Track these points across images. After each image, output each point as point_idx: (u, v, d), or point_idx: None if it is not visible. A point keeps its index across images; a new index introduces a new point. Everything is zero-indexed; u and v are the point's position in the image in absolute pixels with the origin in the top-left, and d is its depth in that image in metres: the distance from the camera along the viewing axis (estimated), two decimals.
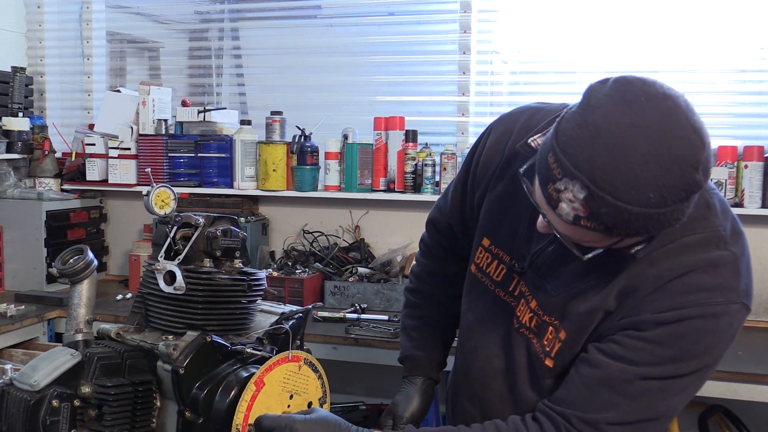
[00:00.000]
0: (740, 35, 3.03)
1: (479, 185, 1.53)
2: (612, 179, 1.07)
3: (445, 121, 3.45)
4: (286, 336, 1.44)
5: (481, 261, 1.51)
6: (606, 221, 1.10)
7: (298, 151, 3.30)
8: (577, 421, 1.27)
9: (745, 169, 2.85)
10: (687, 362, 1.23)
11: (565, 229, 1.18)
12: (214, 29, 3.87)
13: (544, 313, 1.37)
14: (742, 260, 1.27)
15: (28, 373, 1.33)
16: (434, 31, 3.46)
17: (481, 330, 1.52)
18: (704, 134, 1.10)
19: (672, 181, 1.07)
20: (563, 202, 1.12)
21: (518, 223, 1.43)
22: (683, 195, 1.09)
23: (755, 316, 2.98)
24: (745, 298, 1.26)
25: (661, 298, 1.23)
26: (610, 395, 1.26)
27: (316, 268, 3.17)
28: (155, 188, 1.47)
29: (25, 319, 2.90)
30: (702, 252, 1.24)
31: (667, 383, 1.25)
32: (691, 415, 2.86)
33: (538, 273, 1.39)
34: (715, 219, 1.27)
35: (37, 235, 3.37)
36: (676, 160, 1.06)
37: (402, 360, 1.73)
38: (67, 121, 3.95)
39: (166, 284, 1.39)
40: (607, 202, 1.08)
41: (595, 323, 1.30)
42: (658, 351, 1.23)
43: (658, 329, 1.23)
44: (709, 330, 1.23)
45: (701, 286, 1.22)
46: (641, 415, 1.26)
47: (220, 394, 1.37)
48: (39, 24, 3.94)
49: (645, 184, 1.06)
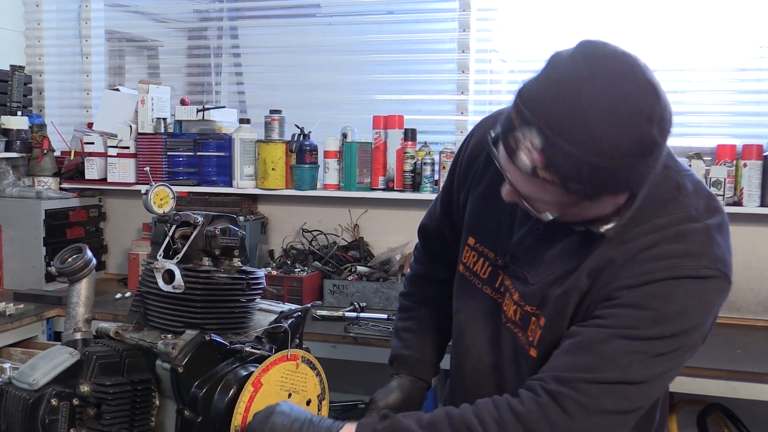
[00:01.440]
0: (739, 34, 3.03)
1: (463, 187, 1.56)
2: (568, 125, 1.10)
3: (444, 119, 3.45)
4: (285, 335, 1.44)
5: (468, 260, 1.53)
6: (561, 170, 1.12)
7: (297, 149, 3.30)
8: (551, 380, 1.24)
9: (744, 168, 2.85)
10: (663, 324, 1.21)
11: (525, 186, 1.20)
12: (213, 28, 3.87)
13: (526, 303, 1.37)
14: (715, 230, 1.26)
15: (27, 371, 1.33)
16: (433, 30, 3.46)
17: (471, 329, 1.52)
18: (660, 91, 1.13)
19: (626, 131, 1.10)
20: (521, 152, 1.14)
21: (501, 219, 1.45)
22: (638, 149, 1.11)
23: (754, 315, 2.98)
24: (721, 266, 1.24)
25: (632, 268, 1.24)
26: (589, 357, 1.23)
27: (315, 267, 3.17)
28: (154, 187, 1.47)
29: (24, 317, 2.90)
30: (672, 227, 1.25)
31: (644, 344, 1.22)
32: (690, 413, 2.86)
33: (518, 264, 1.40)
34: (686, 200, 1.28)
35: (36, 234, 3.37)
36: (630, 111, 1.10)
37: (391, 360, 1.72)
38: (66, 119, 3.94)
39: (165, 283, 1.39)
40: (562, 148, 1.10)
41: (572, 306, 1.30)
42: (633, 313, 1.22)
43: (630, 293, 1.22)
44: (681, 291, 1.22)
45: (671, 253, 1.23)
46: (620, 377, 1.22)
47: (219, 393, 1.37)
48: (38, 22, 3.93)
49: (599, 132, 1.09)
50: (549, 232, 1.35)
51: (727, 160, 2.88)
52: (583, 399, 1.22)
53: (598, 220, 1.24)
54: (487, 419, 1.25)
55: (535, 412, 1.23)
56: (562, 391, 1.22)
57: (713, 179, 2.86)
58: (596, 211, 1.22)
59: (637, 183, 1.16)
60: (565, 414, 1.22)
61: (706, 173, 2.87)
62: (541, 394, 1.24)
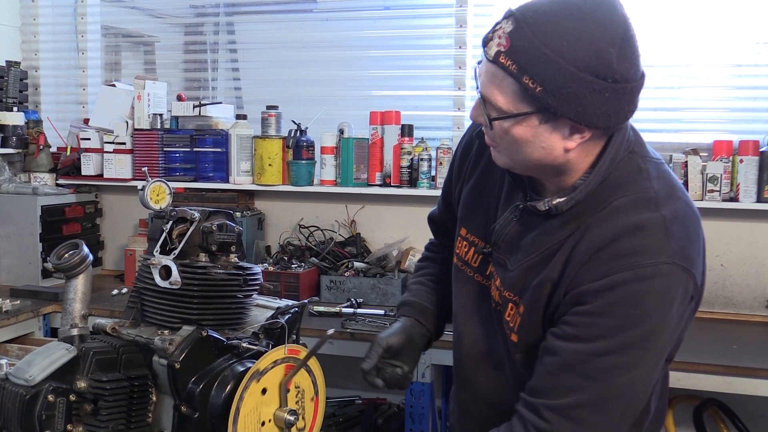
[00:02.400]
0: (736, 30, 3.03)
1: (458, 181, 1.63)
2: (538, 19, 1.20)
3: (441, 115, 3.45)
4: (282, 330, 1.44)
5: (460, 251, 1.58)
6: (520, 58, 1.20)
7: (293, 145, 3.30)
8: (545, 410, 1.30)
9: (741, 164, 2.86)
10: (631, 330, 1.25)
11: (487, 81, 1.27)
12: (210, 23, 3.86)
13: (505, 288, 1.42)
14: (672, 222, 1.28)
15: (24, 368, 1.33)
16: (430, 26, 3.45)
17: (464, 316, 1.57)
18: (630, 25, 1.22)
19: (587, 41, 1.18)
20: (493, 40, 1.25)
21: (488, 209, 1.51)
22: (593, 64, 1.18)
23: (750, 310, 2.99)
24: (679, 259, 1.26)
25: (595, 266, 1.28)
26: (572, 379, 1.28)
27: (312, 263, 3.17)
28: (150, 183, 1.47)
29: (21, 314, 2.90)
30: (631, 214, 1.28)
31: (620, 357, 1.26)
32: (686, 409, 2.87)
33: (500, 251, 1.45)
34: (645, 182, 1.32)
35: (33, 230, 3.36)
36: (597, 28, 1.19)
37: (398, 307, 1.77)
38: (62, 115, 3.94)
39: (161, 279, 1.39)
40: (526, 35, 1.20)
41: (545, 296, 1.35)
42: (602, 322, 1.26)
43: (596, 300, 1.26)
44: (643, 293, 1.25)
45: (630, 250, 1.26)
46: (604, 394, 1.27)
47: (216, 389, 1.37)
48: (33, 18, 3.92)
49: (563, 31, 1.19)
50: (525, 220, 1.40)
51: (723, 155, 2.89)
52: (570, 429, 1.29)
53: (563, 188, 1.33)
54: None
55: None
56: (551, 428, 1.29)
57: (709, 175, 2.87)
58: (546, 147, 1.27)
59: (583, 113, 1.21)
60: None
61: (702, 169, 2.88)
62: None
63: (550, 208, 1.34)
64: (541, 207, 1.35)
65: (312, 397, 1.48)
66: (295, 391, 1.44)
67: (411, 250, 3.26)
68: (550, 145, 1.27)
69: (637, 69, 1.23)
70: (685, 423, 2.89)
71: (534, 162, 1.31)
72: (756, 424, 2.91)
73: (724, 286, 3.02)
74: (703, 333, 2.63)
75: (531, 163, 1.32)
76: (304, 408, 1.46)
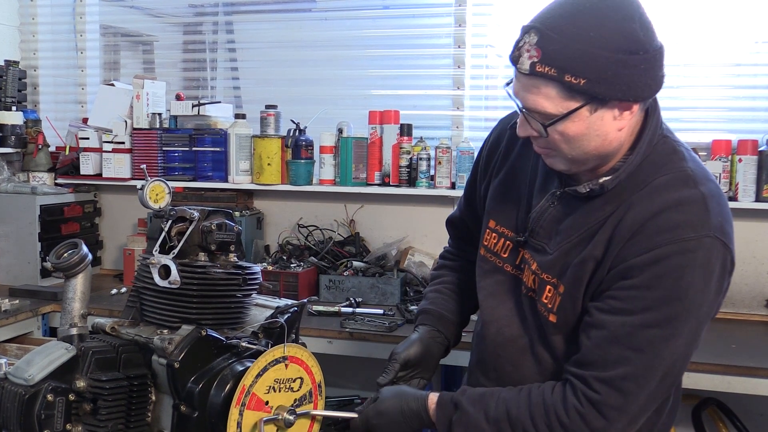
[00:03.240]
0: (734, 29, 3.03)
1: (484, 178, 1.67)
2: (558, 21, 1.26)
3: (440, 114, 3.45)
4: (281, 330, 1.44)
5: (488, 242, 1.62)
6: (556, 61, 1.26)
7: (292, 145, 3.29)
8: (594, 382, 1.35)
9: (739, 163, 2.86)
10: (676, 301, 1.31)
11: (528, 95, 1.32)
12: (209, 22, 3.85)
13: (543, 271, 1.46)
14: (710, 199, 1.35)
15: (23, 367, 1.33)
16: (429, 25, 3.45)
17: (491, 305, 1.60)
18: (641, 6, 1.29)
19: (610, 25, 1.25)
20: (523, 56, 1.29)
21: (520, 200, 1.55)
22: (621, 43, 1.25)
23: (749, 310, 3.00)
24: (719, 234, 1.32)
25: (640, 241, 1.33)
26: (620, 351, 1.33)
27: (311, 262, 3.17)
28: (149, 182, 1.47)
29: (20, 313, 2.90)
30: (672, 191, 1.35)
31: (665, 329, 1.32)
32: (685, 408, 2.87)
33: (537, 238, 1.49)
34: (681, 162, 1.39)
35: (31, 230, 3.36)
36: (612, 9, 1.26)
37: (416, 317, 1.79)
38: (61, 114, 3.93)
39: (160, 278, 1.39)
40: (553, 39, 1.25)
41: (588, 273, 1.39)
42: (648, 295, 1.32)
43: (642, 273, 1.32)
44: (687, 265, 1.30)
45: (673, 224, 1.31)
46: (650, 364, 1.33)
47: (215, 388, 1.37)
48: (32, 17, 3.92)
49: (586, 24, 1.25)
50: (565, 204, 1.46)
51: (722, 155, 2.89)
52: (620, 401, 1.34)
53: (602, 173, 1.39)
54: (539, 423, 1.38)
55: (578, 423, 1.36)
56: (600, 399, 1.34)
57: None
58: (601, 133, 1.32)
59: (627, 90, 1.27)
60: (605, 420, 1.35)
61: None
62: (583, 402, 1.36)
63: (591, 189, 1.39)
64: (582, 190, 1.40)
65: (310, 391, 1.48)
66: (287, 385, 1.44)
67: (410, 249, 3.26)
68: (605, 131, 1.33)
69: (656, 35, 1.30)
70: (684, 422, 2.89)
71: (592, 153, 1.36)
72: (755, 423, 2.91)
73: None
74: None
75: (589, 156, 1.36)
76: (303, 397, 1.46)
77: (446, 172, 3.13)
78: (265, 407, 1.39)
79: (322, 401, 1.51)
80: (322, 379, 1.50)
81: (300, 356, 1.44)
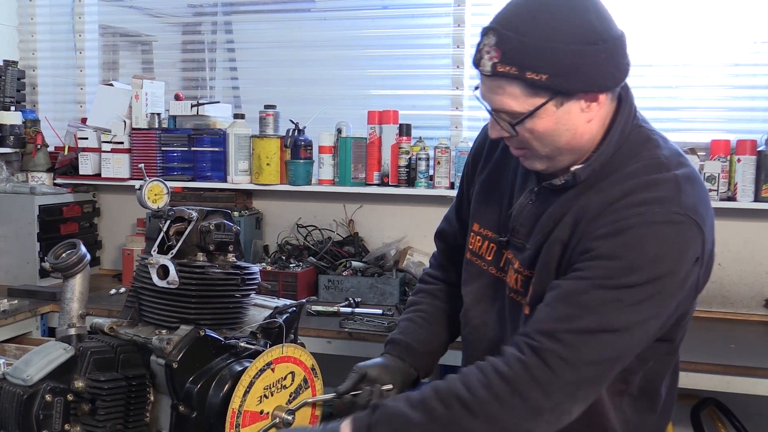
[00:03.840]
0: (733, 29, 3.03)
1: (472, 183, 1.65)
2: (514, 20, 1.27)
3: (439, 114, 3.45)
4: (280, 330, 1.44)
5: (473, 245, 1.60)
6: (515, 59, 1.26)
7: (291, 145, 3.29)
8: (535, 334, 1.30)
9: (738, 163, 2.86)
10: (637, 272, 1.26)
11: (494, 96, 1.32)
12: (208, 22, 3.85)
13: (525, 268, 1.44)
14: (684, 180, 1.32)
15: (21, 367, 1.33)
16: (428, 25, 3.45)
17: (478, 308, 1.58)
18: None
19: (565, 17, 1.25)
20: (484, 58, 1.30)
21: (502, 202, 1.54)
22: (578, 34, 1.25)
23: (748, 310, 2.99)
24: (692, 213, 1.29)
25: (605, 216, 1.31)
26: (568, 308, 1.29)
27: (310, 262, 3.17)
28: (148, 182, 1.47)
29: (18, 313, 2.89)
30: (643, 175, 1.33)
31: (620, 292, 1.26)
32: (684, 408, 2.87)
33: (518, 236, 1.47)
34: (655, 150, 1.37)
35: (30, 230, 3.36)
36: (566, 2, 1.27)
37: (384, 345, 1.73)
38: (60, 115, 3.93)
39: (159, 278, 1.39)
40: (511, 38, 1.26)
41: (556, 256, 1.37)
42: (609, 264, 1.28)
43: (606, 243, 1.29)
44: (653, 237, 1.26)
45: (642, 200, 1.30)
46: (598, 325, 1.27)
47: (213, 388, 1.37)
48: (31, 17, 3.92)
49: (542, 19, 1.26)
50: (542, 200, 1.44)
51: (721, 155, 2.89)
52: (564, 351, 1.27)
53: (574, 162, 1.37)
54: (474, 385, 1.29)
55: (520, 372, 1.28)
56: (543, 346, 1.27)
57: (707, 174, 2.87)
58: (570, 127, 1.31)
59: (590, 81, 1.27)
60: (549, 369, 1.26)
61: (700, 168, 2.88)
62: (525, 351, 1.29)
63: (566, 180, 1.37)
64: (558, 182, 1.39)
65: None
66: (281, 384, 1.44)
67: (409, 249, 3.26)
68: (574, 125, 1.32)
69: (615, 24, 1.31)
70: (682, 422, 2.89)
71: (565, 148, 1.35)
72: (754, 423, 2.91)
73: (721, 286, 3.02)
74: (700, 332, 2.63)
75: (563, 151, 1.36)
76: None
77: (445, 172, 3.13)
78: (261, 416, 1.39)
79: (319, 381, 1.49)
80: (314, 362, 1.48)
81: (285, 353, 1.42)
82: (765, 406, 2.91)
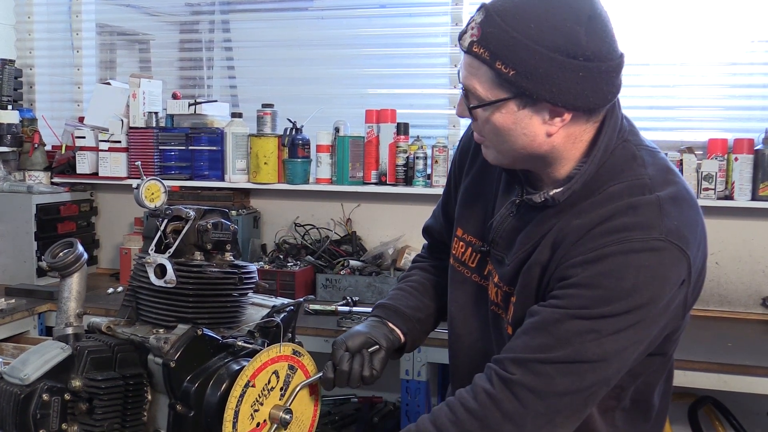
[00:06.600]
0: (730, 28, 3.04)
1: (458, 186, 1.61)
2: (506, 6, 1.23)
3: (437, 113, 3.45)
4: (278, 329, 1.44)
5: (457, 251, 1.56)
6: (491, 44, 1.22)
7: (289, 143, 3.29)
8: (509, 363, 1.26)
9: (735, 162, 2.86)
10: (616, 302, 1.21)
11: (465, 73, 1.29)
12: (205, 21, 3.85)
13: (504, 284, 1.40)
14: (668, 202, 1.26)
15: (18, 366, 1.32)
16: (426, 24, 3.46)
17: (462, 318, 1.55)
18: (597, 3, 1.24)
19: (553, 22, 1.20)
20: (467, 33, 1.26)
21: (486, 206, 1.50)
22: (561, 43, 1.19)
23: (745, 308, 3.00)
24: (674, 238, 1.23)
25: (585, 243, 1.26)
26: (544, 338, 1.24)
27: (308, 261, 3.17)
28: (145, 181, 1.47)
29: (16, 312, 2.89)
30: (625, 197, 1.27)
31: (597, 323, 1.22)
32: (681, 406, 2.87)
33: (498, 247, 1.43)
34: (639, 169, 1.30)
35: (27, 229, 3.35)
36: (562, 7, 1.21)
37: (372, 310, 1.67)
38: (57, 113, 3.93)
39: (156, 277, 1.39)
40: (495, 22, 1.22)
41: (536, 279, 1.32)
42: (587, 293, 1.23)
43: (584, 272, 1.23)
44: (632, 266, 1.21)
45: (621, 226, 1.24)
46: (574, 357, 1.22)
47: (211, 387, 1.36)
48: (28, 16, 3.91)
49: (529, 16, 1.21)
50: (522, 214, 1.39)
51: (718, 154, 2.89)
52: (535, 382, 1.23)
53: (552, 183, 1.33)
54: (444, 424, 1.27)
55: (488, 406, 1.24)
56: (514, 378, 1.24)
57: (704, 173, 2.87)
58: (528, 133, 1.27)
59: (558, 93, 1.21)
60: (518, 401, 1.23)
61: (697, 167, 2.89)
62: (494, 383, 1.26)
63: (546, 199, 1.32)
64: (537, 199, 1.33)
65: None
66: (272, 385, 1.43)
67: (407, 248, 3.26)
68: (533, 132, 1.27)
69: (611, 48, 1.23)
70: (680, 421, 2.90)
71: (519, 151, 1.30)
72: (751, 421, 2.91)
73: (719, 284, 3.03)
74: (698, 331, 2.64)
75: (517, 153, 1.31)
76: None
77: (443, 171, 3.13)
78: (259, 428, 1.39)
79: (306, 357, 1.46)
80: (294, 346, 1.45)
81: (260, 360, 1.39)
82: (762, 405, 2.91)
